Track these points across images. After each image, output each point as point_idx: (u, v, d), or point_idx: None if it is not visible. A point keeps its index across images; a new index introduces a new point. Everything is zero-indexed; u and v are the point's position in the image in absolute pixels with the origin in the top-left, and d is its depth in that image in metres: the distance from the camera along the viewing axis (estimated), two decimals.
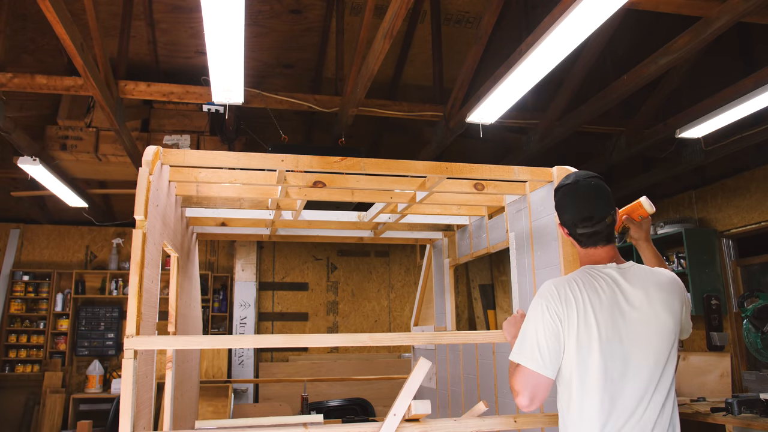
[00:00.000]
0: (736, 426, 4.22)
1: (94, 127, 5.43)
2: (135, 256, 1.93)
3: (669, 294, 1.77)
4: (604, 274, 1.77)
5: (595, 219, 1.80)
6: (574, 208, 1.83)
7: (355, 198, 3.09)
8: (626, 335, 1.68)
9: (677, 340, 1.77)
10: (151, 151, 2.20)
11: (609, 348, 1.67)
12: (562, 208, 1.87)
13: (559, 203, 1.89)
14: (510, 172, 2.69)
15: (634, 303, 1.72)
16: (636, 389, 1.65)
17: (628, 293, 1.73)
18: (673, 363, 1.73)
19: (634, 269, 1.80)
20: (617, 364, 1.66)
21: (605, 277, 1.76)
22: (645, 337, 1.69)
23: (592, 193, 1.83)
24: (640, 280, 1.77)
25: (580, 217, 1.81)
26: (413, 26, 5.49)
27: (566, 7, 2.90)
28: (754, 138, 4.87)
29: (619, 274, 1.77)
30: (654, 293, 1.75)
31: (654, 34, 4.95)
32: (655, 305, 1.73)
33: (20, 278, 7.76)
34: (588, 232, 1.81)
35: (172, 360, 2.80)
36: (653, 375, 1.67)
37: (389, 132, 6.89)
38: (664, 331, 1.72)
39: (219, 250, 8.62)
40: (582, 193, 1.84)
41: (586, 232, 1.82)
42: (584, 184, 1.84)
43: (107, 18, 4.93)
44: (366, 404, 5.39)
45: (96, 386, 7.48)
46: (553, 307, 1.71)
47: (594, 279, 1.76)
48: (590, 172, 1.89)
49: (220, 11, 2.78)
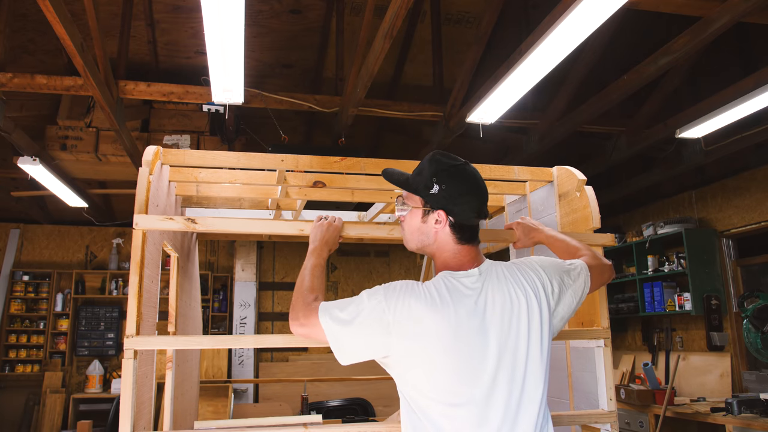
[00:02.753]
0: (736, 426, 4.23)
1: (94, 127, 5.43)
2: (135, 256, 1.93)
3: (517, 289, 1.52)
4: (465, 283, 1.51)
5: (485, 209, 1.57)
6: (477, 193, 1.54)
7: (355, 198, 3.09)
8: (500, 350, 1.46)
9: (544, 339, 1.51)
10: (151, 151, 2.20)
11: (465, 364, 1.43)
12: (464, 192, 1.53)
13: (456, 187, 1.53)
14: (510, 172, 2.69)
15: (496, 312, 1.48)
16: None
17: (488, 304, 1.49)
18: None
19: (491, 272, 1.55)
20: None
21: (463, 289, 1.50)
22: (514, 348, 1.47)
23: (479, 177, 1.58)
24: (494, 284, 1.53)
25: (482, 208, 1.55)
26: (413, 26, 5.49)
27: (566, 7, 2.90)
28: (754, 138, 4.88)
29: (480, 281, 1.52)
30: (499, 295, 1.51)
31: (654, 34, 4.94)
32: (519, 307, 1.51)
33: (20, 278, 7.76)
34: (477, 224, 1.56)
35: (172, 360, 2.80)
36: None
37: (389, 132, 6.89)
38: (521, 340, 1.48)
39: (219, 250, 8.62)
40: (479, 179, 1.57)
41: (476, 225, 1.56)
42: (474, 169, 1.58)
43: (107, 18, 4.93)
44: (366, 404, 5.39)
45: (96, 386, 7.49)
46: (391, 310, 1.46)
47: (454, 287, 1.49)
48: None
49: (220, 11, 2.78)
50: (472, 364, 1.44)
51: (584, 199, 2.46)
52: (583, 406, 2.32)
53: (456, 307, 1.46)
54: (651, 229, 6.39)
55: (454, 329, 1.44)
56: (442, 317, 1.44)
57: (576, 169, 2.58)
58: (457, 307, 1.46)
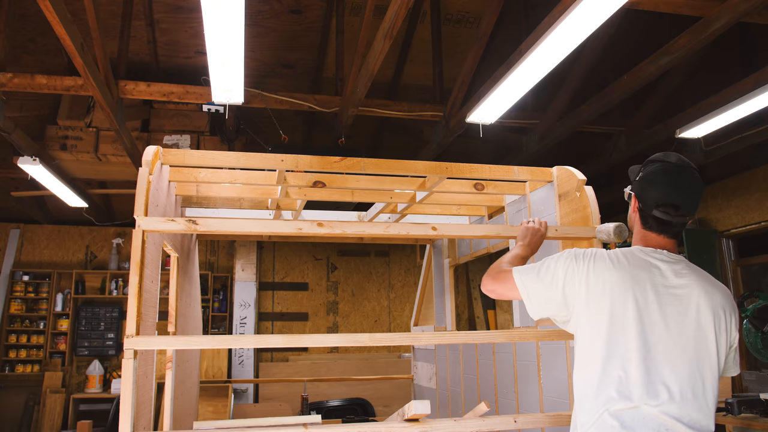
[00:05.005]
0: (736, 426, 4.22)
1: (94, 127, 5.43)
2: (135, 256, 1.93)
3: (719, 306, 1.63)
4: (654, 258, 1.67)
5: (681, 212, 1.66)
6: (666, 189, 1.67)
7: (355, 198, 3.09)
8: (658, 319, 1.59)
9: (716, 366, 1.59)
10: (151, 151, 2.20)
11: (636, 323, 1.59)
12: (652, 183, 1.70)
13: (649, 177, 1.72)
14: (510, 172, 2.69)
15: (675, 293, 1.61)
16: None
17: (671, 281, 1.63)
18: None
19: (685, 263, 1.68)
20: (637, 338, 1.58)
21: (653, 260, 1.66)
22: (678, 329, 1.59)
23: (690, 184, 1.68)
24: (687, 277, 1.64)
25: (668, 202, 1.66)
26: (413, 26, 5.49)
27: (566, 7, 2.90)
28: (754, 138, 4.88)
29: (668, 264, 1.66)
30: (701, 296, 1.62)
31: (654, 34, 4.94)
32: (700, 308, 1.61)
33: (20, 278, 7.76)
34: (664, 219, 1.67)
35: (172, 360, 2.80)
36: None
37: (389, 132, 6.89)
38: (701, 336, 1.59)
39: (219, 250, 8.62)
40: (680, 179, 1.68)
41: (662, 219, 1.68)
42: (687, 173, 1.69)
43: (107, 18, 4.93)
44: (366, 404, 5.39)
45: (96, 386, 7.48)
46: (580, 266, 1.68)
47: (640, 257, 1.67)
48: (691, 162, 1.74)
49: (220, 11, 2.78)
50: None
51: (584, 199, 2.46)
52: None
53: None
54: None
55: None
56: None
57: (576, 169, 2.58)
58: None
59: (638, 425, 1.51)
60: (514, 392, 3.06)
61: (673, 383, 1.54)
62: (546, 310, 1.77)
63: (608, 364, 1.58)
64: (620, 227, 2.22)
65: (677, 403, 1.52)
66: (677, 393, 1.53)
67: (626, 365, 1.56)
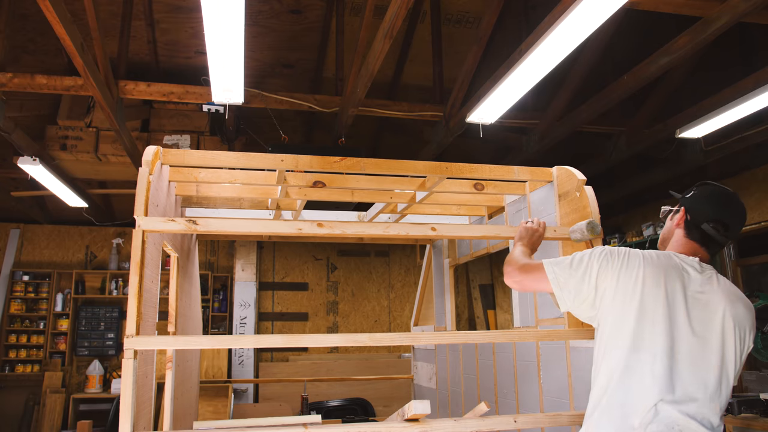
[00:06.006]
0: (736, 426, 4.22)
1: (94, 127, 5.43)
2: (135, 256, 1.93)
3: (741, 317, 1.72)
4: (686, 263, 1.77)
5: (727, 233, 1.81)
6: (719, 209, 1.82)
7: (355, 198, 3.09)
8: (680, 319, 1.67)
9: (733, 374, 1.69)
10: (151, 151, 2.20)
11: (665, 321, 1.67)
12: (710, 200, 1.85)
13: (706, 194, 1.87)
14: (510, 172, 2.69)
15: (701, 299, 1.71)
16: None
17: (698, 287, 1.72)
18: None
19: (713, 273, 1.78)
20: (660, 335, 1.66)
21: (685, 265, 1.76)
22: (702, 333, 1.67)
23: (741, 212, 1.85)
24: (715, 285, 1.74)
25: (720, 220, 1.80)
26: (413, 26, 5.49)
27: (566, 7, 2.90)
28: (754, 138, 4.87)
29: (698, 272, 1.75)
30: (727, 305, 1.71)
31: (654, 34, 4.94)
32: (725, 317, 1.69)
33: (20, 278, 7.76)
34: (710, 234, 1.80)
35: (172, 360, 2.80)
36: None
37: (389, 132, 6.89)
38: (722, 344, 1.67)
39: (219, 250, 8.62)
40: (733, 204, 1.84)
41: (709, 234, 1.81)
42: (739, 202, 1.86)
43: (107, 18, 4.93)
44: (366, 404, 5.39)
45: (96, 386, 7.48)
46: (613, 265, 1.75)
47: (673, 260, 1.77)
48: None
49: (220, 11, 2.78)
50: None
51: (584, 199, 2.46)
52: (583, 406, 2.32)
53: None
54: (651, 229, 6.38)
55: None
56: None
57: (576, 169, 2.58)
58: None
59: (653, 419, 1.58)
60: (514, 392, 3.06)
61: (692, 383, 1.61)
62: (575, 301, 1.81)
63: (632, 356, 1.65)
64: (592, 223, 2.24)
65: (694, 403, 1.60)
66: (695, 393, 1.61)
67: (651, 359, 1.63)
